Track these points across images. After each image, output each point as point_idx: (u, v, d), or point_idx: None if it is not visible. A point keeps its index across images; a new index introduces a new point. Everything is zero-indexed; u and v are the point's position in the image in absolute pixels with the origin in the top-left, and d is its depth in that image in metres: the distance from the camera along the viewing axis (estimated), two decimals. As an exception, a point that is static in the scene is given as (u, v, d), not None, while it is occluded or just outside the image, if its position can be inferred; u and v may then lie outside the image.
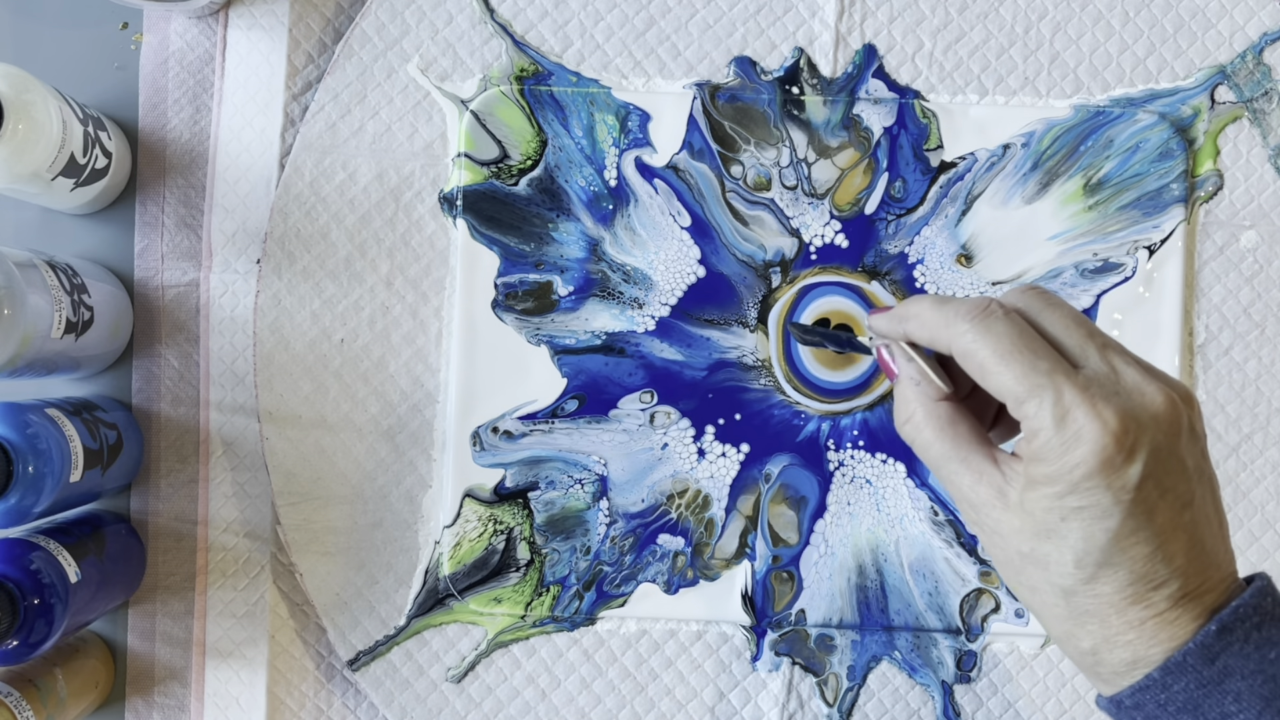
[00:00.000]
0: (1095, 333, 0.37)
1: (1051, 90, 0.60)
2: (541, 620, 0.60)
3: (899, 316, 0.40)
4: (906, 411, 0.39)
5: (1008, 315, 0.37)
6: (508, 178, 0.60)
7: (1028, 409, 0.35)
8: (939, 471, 0.39)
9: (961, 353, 0.37)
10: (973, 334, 0.36)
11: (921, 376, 0.39)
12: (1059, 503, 0.35)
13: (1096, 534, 0.35)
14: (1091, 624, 0.36)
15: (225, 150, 0.60)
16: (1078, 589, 0.36)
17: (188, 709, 0.60)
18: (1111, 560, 0.35)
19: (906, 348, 0.40)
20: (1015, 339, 0.36)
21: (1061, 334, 0.37)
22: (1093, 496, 0.34)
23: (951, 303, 0.38)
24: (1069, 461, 0.34)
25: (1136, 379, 0.35)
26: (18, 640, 0.49)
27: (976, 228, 0.60)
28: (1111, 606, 0.35)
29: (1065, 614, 0.36)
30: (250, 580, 0.60)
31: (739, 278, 0.60)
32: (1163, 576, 0.35)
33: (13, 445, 0.49)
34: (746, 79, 0.60)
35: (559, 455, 0.60)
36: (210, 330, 0.60)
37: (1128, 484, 0.34)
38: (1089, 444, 0.34)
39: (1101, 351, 0.36)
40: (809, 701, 0.60)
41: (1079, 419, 0.34)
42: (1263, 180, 0.60)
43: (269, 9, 0.60)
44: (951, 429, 0.38)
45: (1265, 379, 0.60)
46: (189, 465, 0.60)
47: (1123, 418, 0.34)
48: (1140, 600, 0.35)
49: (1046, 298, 0.38)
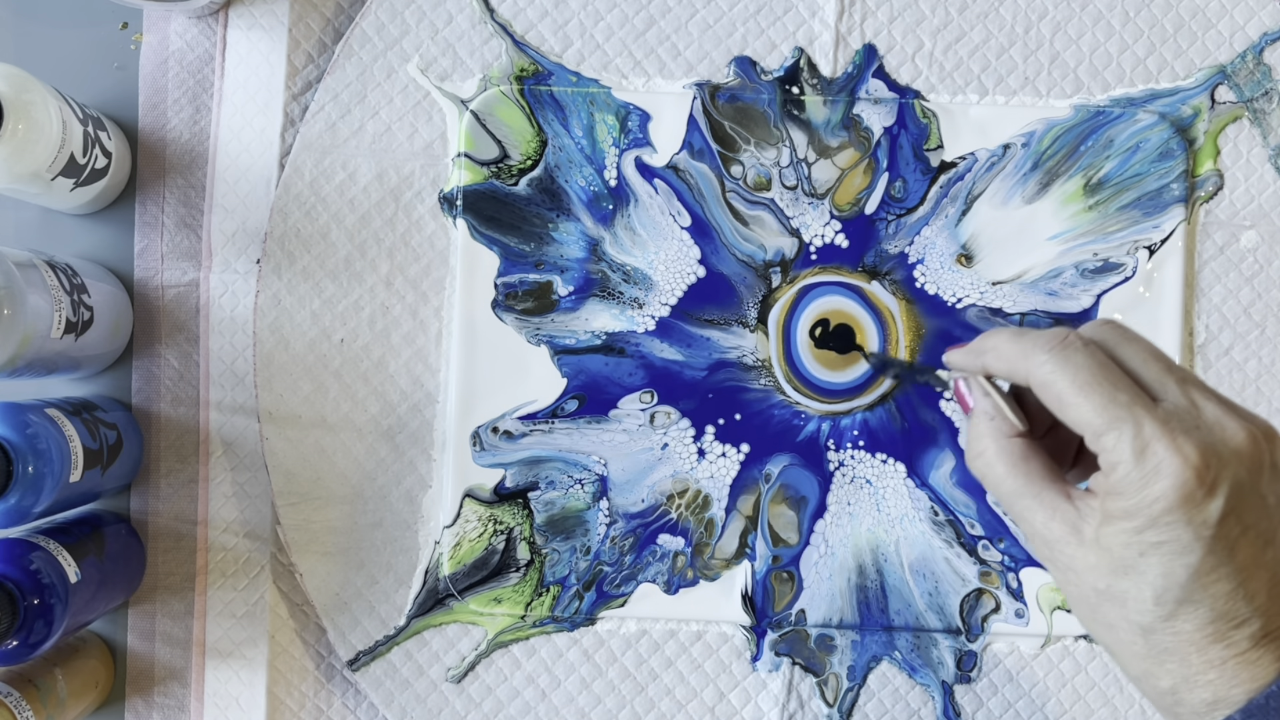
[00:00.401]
0: (1174, 367, 0.37)
1: (1051, 90, 0.60)
2: (541, 620, 0.60)
3: (977, 350, 0.40)
4: (979, 447, 0.39)
5: (1086, 347, 0.36)
6: (508, 178, 0.60)
7: (1106, 441, 0.35)
8: (1011, 508, 0.38)
9: (1040, 384, 0.37)
10: (1051, 365, 0.36)
11: (996, 412, 0.39)
12: (1138, 538, 0.35)
13: (1177, 570, 0.34)
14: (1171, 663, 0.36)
15: (225, 150, 0.60)
16: (1157, 626, 0.35)
17: (188, 709, 0.60)
18: (1192, 597, 0.35)
19: (984, 381, 0.39)
20: (1094, 371, 0.36)
21: (1140, 367, 0.37)
22: (1173, 531, 0.34)
23: (1029, 334, 0.38)
24: (1149, 496, 0.34)
25: (1217, 414, 0.35)
26: (18, 640, 0.49)
27: (976, 228, 0.60)
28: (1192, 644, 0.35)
29: (1144, 652, 0.36)
30: (250, 580, 0.60)
31: (739, 278, 0.60)
32: (1244, 615, 0.35)
33: (13, 445, 0.49)
34: (746, 79, 0.60)
35: (559, 455, 0.60)
36: (210, 330, 0.60)
37: (1209, 519, 0.34)
38: (1169, 478, 0.34)
39: (1181, 385, 0.36)
40: (809, 701, 0.60)
41: (1159, 452, 0.34)
42: (1263, 180, 0.60)
43: (269, 9, 0.60)
44: (1024, 465, 0.38)
45: (1265, 379, 0.60)
46: (189, 465, 0.60)
47: (1204, 452, 0.34)
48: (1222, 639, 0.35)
49: (1123, 331, 0.38)
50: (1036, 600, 0.60)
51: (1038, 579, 0.60)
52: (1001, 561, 0.60)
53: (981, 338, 0.40)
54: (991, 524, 0.60)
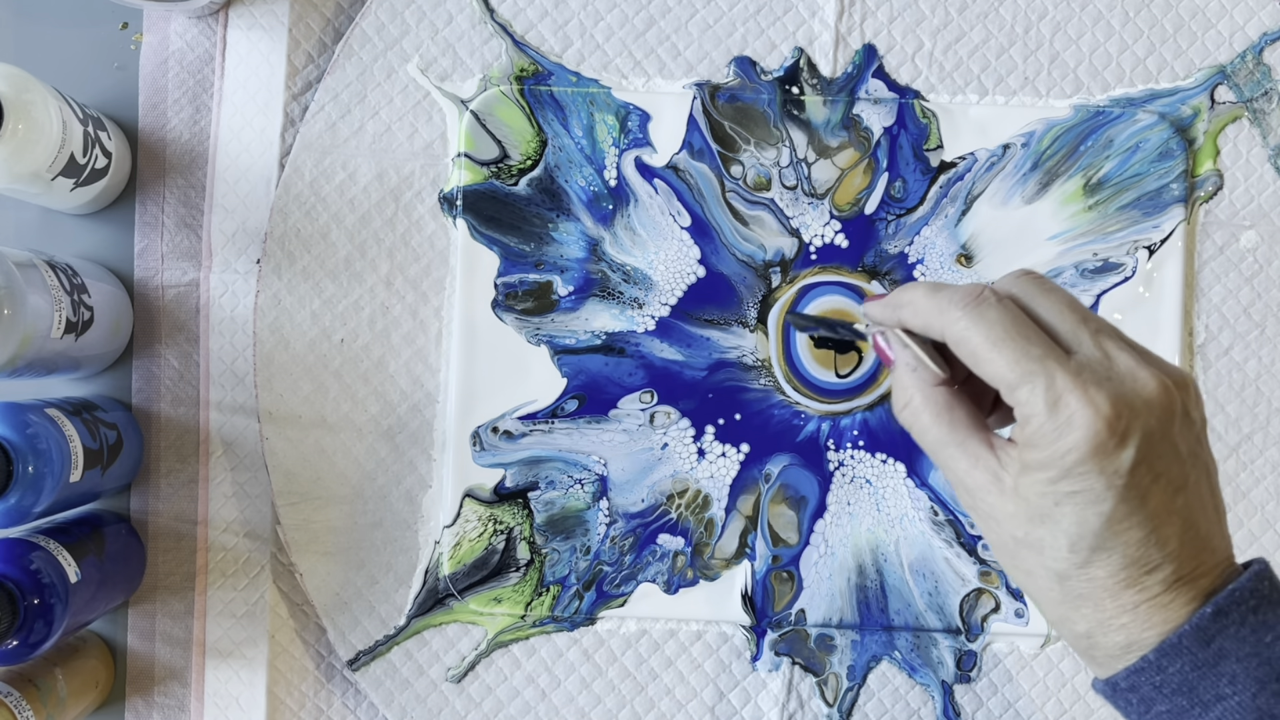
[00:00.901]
0: (1089, 318, 0.37)
1: (1051, 90, 0.60)
2: (541, 620, 0.60)
3: (893, 304, 0.40)
4: (904, 397, 0.39)
5: (1000, 301, 0.37)
6: (508, 178, 0.60)
7: (1020, 395, 0.35)
8: (936, 456, 0.39)
9: (955, 340, 0.37)
10: (965, 320, 0.36)
11: (917, 362, 0.39)
12: (1052, 488, 0.35)
13: (1089, 518, 0.35)
14: (1086, 608, 0.36)
15: (225, 150, 0.60)
16: (1071, 573, 0.36)
17: (188, 709, 0.60)
18: (1105, 544, 0.35)
19: (901, 334, 0.40)
20: (1008, 325, 0.36)
21: (1055, 319, 0.37)
22: (1085, 481, 0.35)
23: (945, 289, 0.38)
24: (1061, 447, 0.34)
25: (1130, 364, 0.35)
26: (18, 640, 0.49)
27: (976, 228, 0.60)
28: (1105, 590, 0.36)
29: (1060, 598, 0.37)
30: (250, 580, 0.60)
31: (739, 278, 0.60)
32: (1156, 560, 0.35)
33: (13, 445, 0.49)
34: (746, 79, 0.60)
35: (559, 455, 0.60)
36: (210, 330, 0.60)
37: (1120, 469, 0.34)
38: (1081, 429, 0.34)
39: (1095, 337, 0.36)
40: (809, 701, 0.60)
41: (1071, 404, 0.34)
42: (1263, 180, 0.60)
43: (269, 9, 0.60)
44: (948, 414, 0.38)
45: (1265, 379, 0.60)
46: (189, 465, 0.60)
47: (1115, 403, 0.34)
48: (1134, 584, 0.35)
49: (1041, 283, 0.38)
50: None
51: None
52: (1001, 561, 0.60)
53: (898, 291, 0.40)
54: (991, 524, 0.60)
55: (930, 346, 0.39)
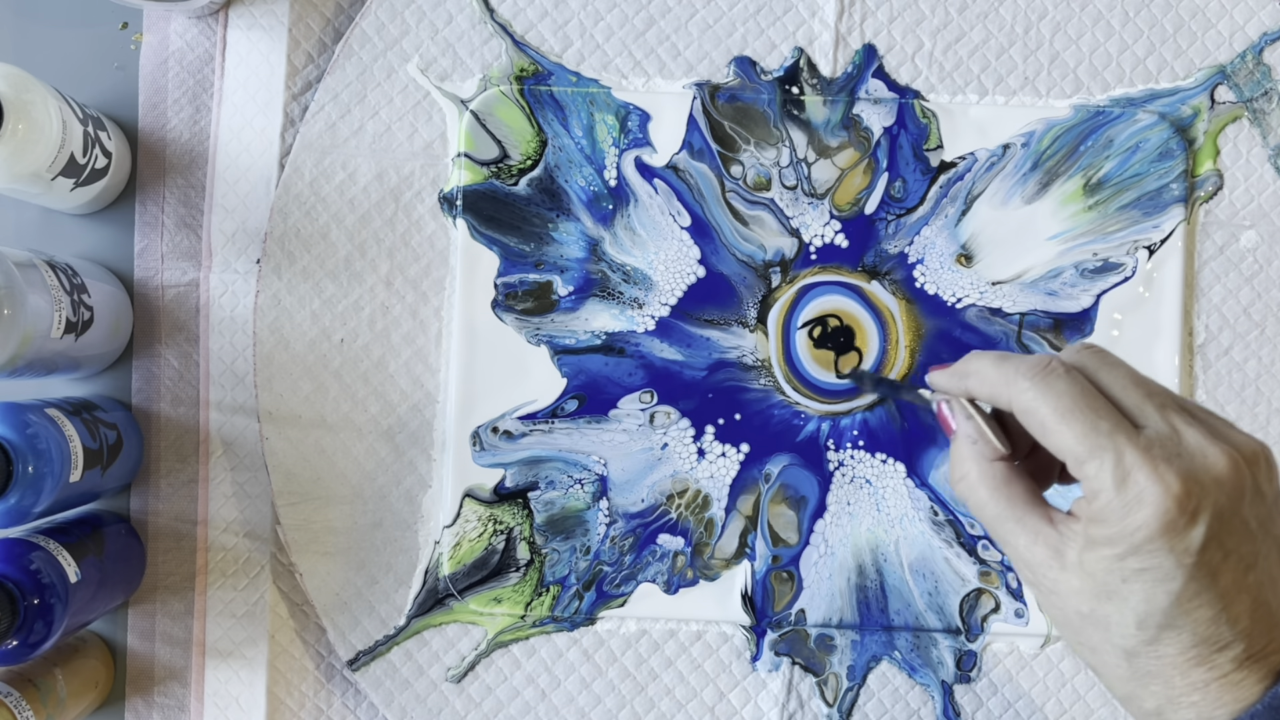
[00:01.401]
0: (1155, 392, 0.37)
1: (1051, 90, 0.60)
2: (541, 620, 0.60)
3: (960, 373, 0.40)
4: (962, 470, 0.39)
5: (1069, 373, 0.37)
6: (508, 178, 0.60)
7: (1088, 469, 0.35)
8: (994, 531, 0.38)
9: (1022, 410, 0.37)
10: (1034, 391, 0.36)
11: (979, 435, 0.39)
12: (1120, 564, 0.35)
13: (1158, 596, 0.35)
14: (1155, 685, 0.36)
15: (225, 150, 0.60)
16: (1140, 650, 0.36)
17: (188, 709, 0.60)
18: (1174, 623, 0.35)
19: (967, 405, 0.39)
20: (1076, 397, 0.36)
21: (1120, 393, 0.37)
22: (1155, 559, 0.34)
23: (1012, 359, 0.38)
24: (1131, 524, 0.34)
25: (1198, 440, 0.35)
26: (18, 640, 0.49)
27: (976, 228, 0.60)
28: (1175, 668, 0.35)
29: (1128, 675, 0.36)
30: (250, 580, 0.60)
31: (739, 278, 0.60)
32: (1227, 639, 0.35)
33: (13, 445, 0.49)
34: (746, 79, 0.60)
35: (559, 455, 0.60)
36: (210, 330, 0.60)
37: (1190, 547, 0.34)
38: (1151, 507, 0.34)
39: (1161, 411, 0.36)
40: (809, 701, 0.60)
41: (1140, 481, 0.34)
42: (1263, 180, 0.60)
43: (269, 9, 0.60)
44: (1006, 489, 0.38)
45: (1265, 379, 0.60)
46: (189, 465, 0.60)
47: (1185, 480, 0.34)
48: (1204, 662, 0.35)
49: (1104, 356, 0.38)
50: (1036, 600, 0.60)
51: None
52: (1001, 561, 0.60)
53: (964, 360, 0.40)
54: (991, 524, 0.60)
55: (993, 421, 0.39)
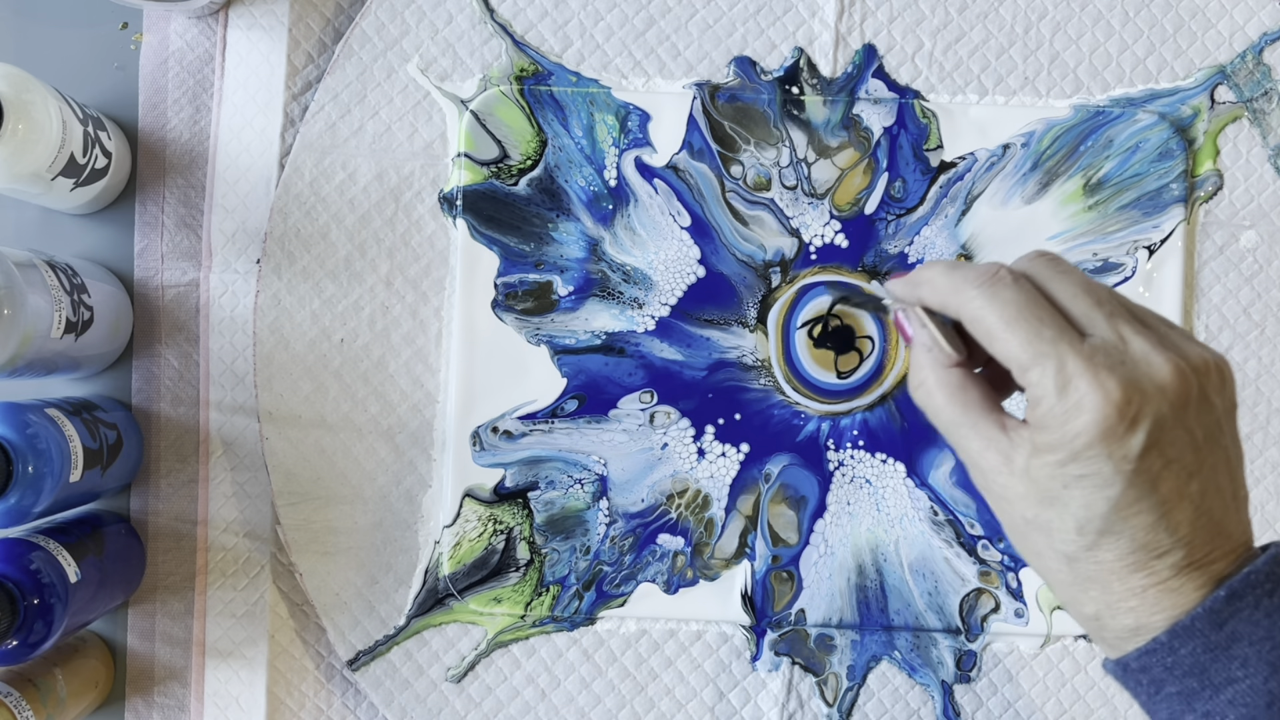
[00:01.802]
0: (1105, 300, 0.37)
1: (1051, 90, 0.60)
2: (541, 620, 0.60)
3: (913, 282, 0.40)
4: (919, 377, 0.39)
5: (1016, 281, 0.37)
6: (508, 178, 0.60)
7: (1031, 376, 0.35)
8: (950, 436, 0.39)
9: (969, 318, 0.37)
10: (980, 299, 0.36)
11: (934, 343, 0.39)
12: (1061, 470, 0.35)
13: (1098, 502, 0.35)
14: (1094, 590, 0.36)
15: (225, 150, 0.60)
16: (1080, 555, 0.36)
17: (188, 709, 0.60)
18: (1113, 528, 0.35)
19: (920, 313, 0.40)
20: (1022, 305, 0.36)
21: (1070, 302, 0.37)
22: (1094, 465, 0.35)
23: (963, 268, 0.38)
24: (1070, 430, 0.34)
25: (1144, 348, 0.35)
26: (18, 640, 0.49)
27: (976, 228, 0.60)
28: (1113, 573, 0.36)
29: (1069, 580, 0.37)
30: (250, 580, 0.60)
31: (739, 278, 0.60)
32: (1166, 545, 0.35)
33: (13, 445, 0.49)
34: (746, 79, 0.60)
35: (559, 455, 0.60)
36: (210, 330, 0.60)
37: (1129, 454, 0.34)
38: (1090, 413, 0.34)
39: (1110, 320, 0.36)
40: (809, 701, 0.60)
41: (1081, 388, 0.34)
42: (1262, 180, 0.60)
43: (269, 9, 0.60)
44: (961, 394, 0.38)
45: (1265, 379, 0.60)
46: (189, 465, 0.60)
47: (1125, 387, 0.34)
48: (1142, 568, 0.35)
49: (1057, 264, 0.38)
50: (1036, 600, 0.60)
51: (1037, 579, 0.60)
52: (1001, 561, 0.60)
53: (919, 269, 0.40)
54: (991, 524, 0.60)
55: (949, 328, 0.40)
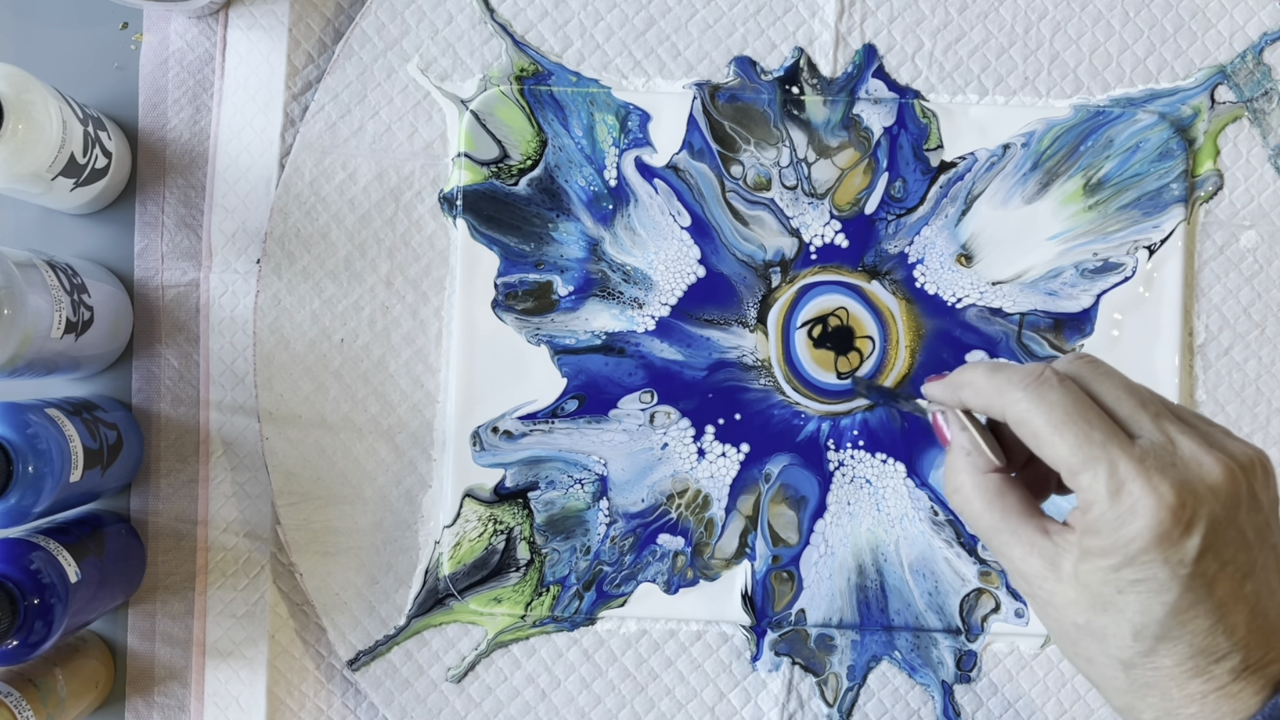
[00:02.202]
0: (1149, 401, 0.36)
1: (1051, 90, 0.60)
2: (541, 620, 0.60)
3: (954, 384, 0.40)
4: (956, 481, 0.39)
5: (1063, 383, 0.36)
6: (508, 178, 0.60)
7: (1082, 480, 0.35)
8: (989, 543, 0.38)
9: (1016, 421, 0.37)
10: (1027, 402, 0.36)
11: (973, 447, 0.39)
12: (1115, 575, 0.35)
13: (1154, 607, 0.34)
14: (1152, 696, 0.36)
15: (225, 150, 0.60)
16: (1137, 662, 0.36)
17: (188, 709, 0.60)
18: (1170, 634, 0.35)
19: (961, 416, 0.39)
20: (1069, 408, 0.36)
21: (1114, 403, 0.36)
22: (1149, 570, 0.34)
23: (1005, 369, 0.38)
24: (1125, 535, 0.34)
25: (1193, 449, 0.35)
26: (18, 640, 0.49)
27: (976, 228, 0.60)
28: (1172, 679, 0.35)
29: (1125, 686, 0.36)
30: (250, 580, 0.60)
31: (739, 277, 0.60)
32: (1224, 650, 0.35)
33: (13, 445, 0.49)
34: (746, 79, 0.60)
35: (559, 455, 0.60)
36: (210, 330, 0.60)
37: (1185, 558, 0.34)
38: (1145, 518, 0.34)
39: (1155, 421, 0.36)
40: (809, 701, 0.60)
41: (1134, 492, 0.34)
42: (1263, 180, 0.60)
43: (269, 9, 0.60)
44: (1000, 500, 0.38)
45: (1265, 379, 0.60)
46: (189, 465, 0.60)
47: (1179, 491, 0.34)
48: (1202, 673, 0.35)
49: (1097, 365, 0.38)
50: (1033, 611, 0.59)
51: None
52: (1001, 561, 0.60)
53: (959, 371, 0.40)
54: (991, 524, 0.60)
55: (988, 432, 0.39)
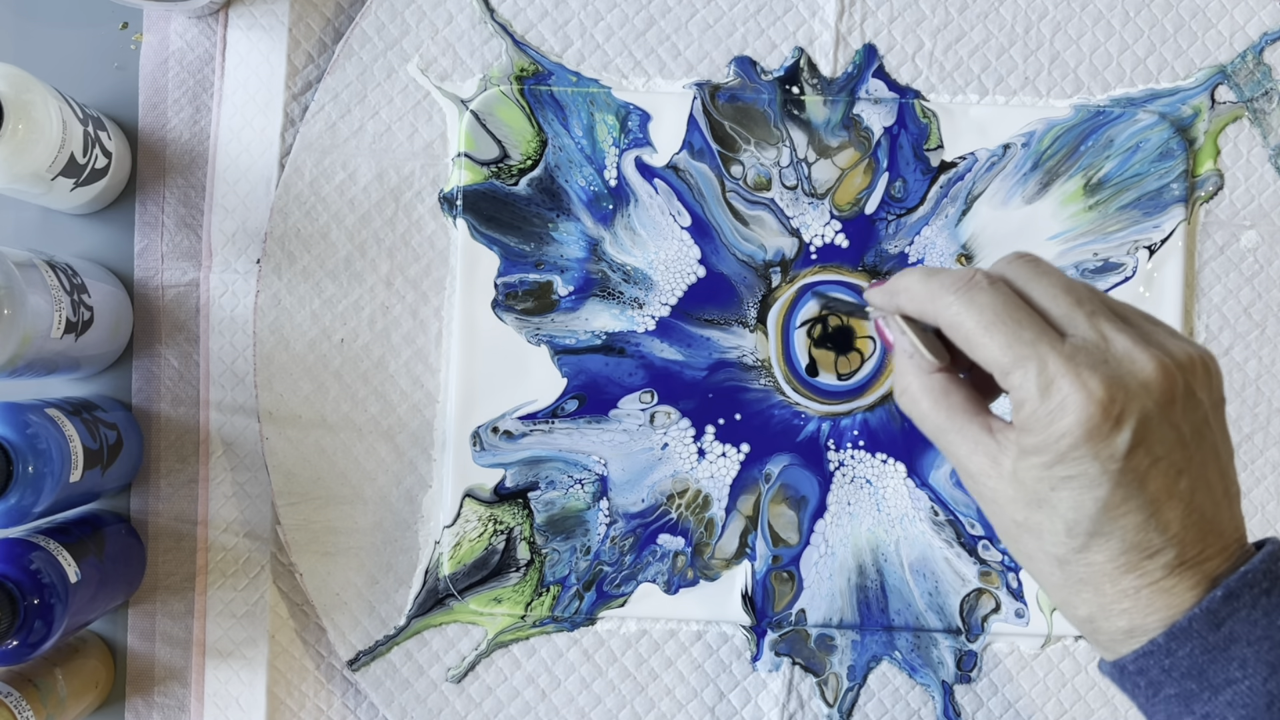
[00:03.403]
0: (1085, 299, 0.36)
1: (1052, 90, 0.60)
2: (541, 620, 0.60)
3: (891, 290, 0.40)
4: (903, 383, 0.39)
5: (993, 285, 0.36)
6: (508, 177, 0.60)
7: (1013, 379, 0.35)
8: (937, 441, 0.39)
9: (948, 325, 0.37)
10: (957, 305, 0.36)
11: (914, 349, 0.39)
12: (1048, 472, 0.35)
13: (1086, 503, 0.35)
14: (1086, 592, 0.36)
15: (225, 150, 0.60)
16: (1070, 558, 0.36)
17: (188, 709, 0.60)
18: (1102, 529, 0.35)
19: (900, 320, 0.40)
20: (999, 309, 0.36)
21: (1049, 302, 0.36)
22: (1080, 466, 0.34)
23: (939, 274, 0.38)
24: (1055, 432, 0.34)
25: (1127, 345, 0.35)
26: (18, 640, 0.49)
27: (977, 228, 0.60)
28: (1105, 575, 0.35)
29: (1061, 582, 0.37)
30: (250, 580, 0.60)
31: (739, 277, 0.60)
32: (1157, 545, 0.35)
33: (13, 445, 0.49)
34: (746, 79, 0.60)
35: (559, 455, 0.60)
36: (210, 330, 0.60)
37: (1115, 453, 0.34)
38: (1074, 414, 0.34)
39: (1090, 319, 0.35)
40: (809, 701, 0.60)
41: (1063, 388, 0.34)
42: (1263, 180, 0.60)
43: (269, 9, 0.60)
44: (945, 399, 0.38)
45: (1265, 379, 0.60)
46: (189, 465, 0.60)
47: (1109, 386, 0.34)
48: (1134, 569, 0.35)
49: (1036, 265, 0.37)
50: (1036, 600, 0.60)
51: (1038, 579, 0.60)
52: (1001, 561, 0.60)
53: (896, 277, 0.40)
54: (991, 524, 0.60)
55: (930, 334, 0.39)
